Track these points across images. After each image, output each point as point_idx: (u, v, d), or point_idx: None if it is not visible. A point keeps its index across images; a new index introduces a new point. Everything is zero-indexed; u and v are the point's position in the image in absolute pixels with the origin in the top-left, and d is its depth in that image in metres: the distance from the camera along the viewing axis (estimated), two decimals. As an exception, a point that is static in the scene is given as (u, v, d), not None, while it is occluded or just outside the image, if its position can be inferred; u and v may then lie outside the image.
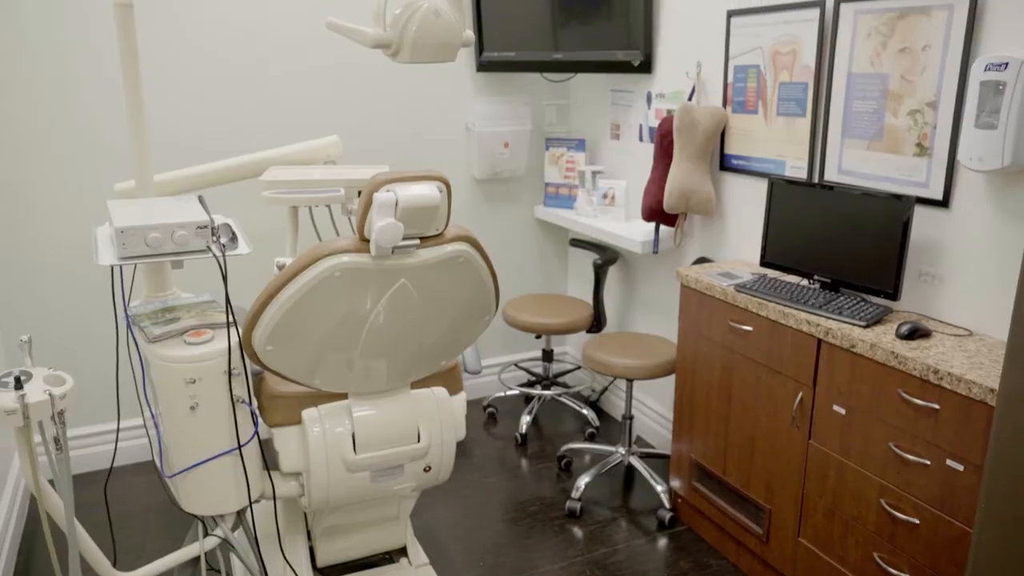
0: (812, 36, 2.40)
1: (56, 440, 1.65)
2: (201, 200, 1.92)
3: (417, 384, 2.13)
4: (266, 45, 3.09)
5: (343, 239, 1.73)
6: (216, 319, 1.91)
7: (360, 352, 1.87)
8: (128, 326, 1.96)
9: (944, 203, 2.08)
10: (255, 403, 1.96)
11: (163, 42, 2.93)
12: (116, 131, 2.93)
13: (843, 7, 2.28)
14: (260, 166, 2.43)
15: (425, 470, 2.09)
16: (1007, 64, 1.78)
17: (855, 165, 2.32)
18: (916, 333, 1.96)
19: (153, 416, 1.92)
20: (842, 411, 2.07)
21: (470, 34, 1.93)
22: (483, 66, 3.44)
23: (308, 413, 1.98)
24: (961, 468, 1.78)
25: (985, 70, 1.82)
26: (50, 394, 1.60)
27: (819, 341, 2.12)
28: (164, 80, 2.96)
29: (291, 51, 3.14)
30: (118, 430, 2.77)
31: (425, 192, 1.69)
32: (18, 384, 1.57)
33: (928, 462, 1.85)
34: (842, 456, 2.08)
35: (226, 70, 3.05)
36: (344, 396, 2.06)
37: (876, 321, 2.08)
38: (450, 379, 2.19)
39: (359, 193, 2.36)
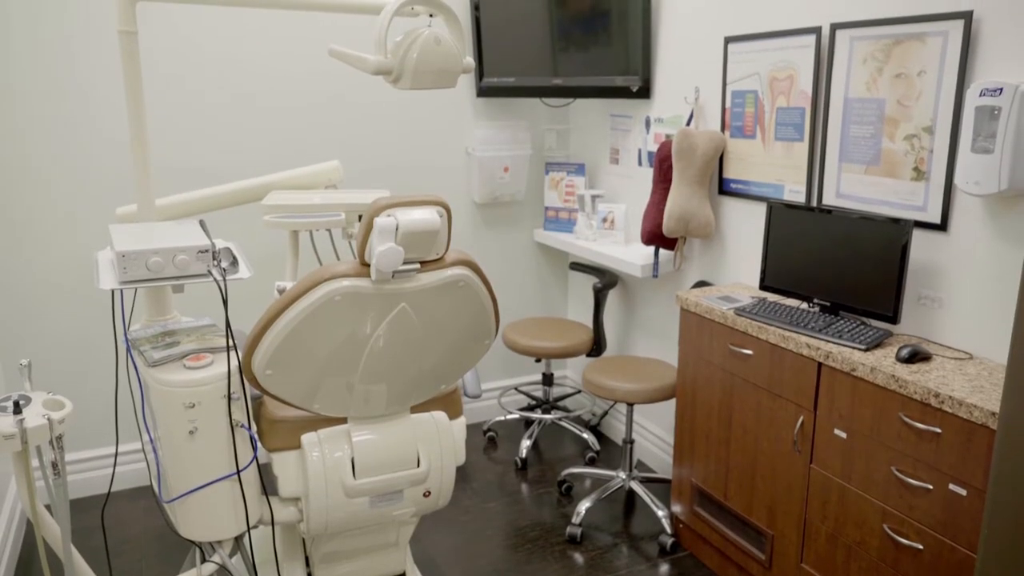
0: (808, 62, 2.42)
1: (54, 465, 1.65)
2: (202, 224, 1.93)
3: (417, 408, 2.13)
4: (268, 70, 3.12)
5: (343, 263, 1.74)
6: (216, 343, 1.91)
7: (360, 376, 1.87)
8: (128, 350, 1.96)
9: (942, 227, 2.09)
10: (254, 427, 1.95)
11: (165, 67, 2.96)
12: (116, 155, 2.95)
13: (839, 34, 2.31)
14: (262, 190, 2.44)
15: (424, 495, 2.08)
16: (1001, 89, 1.80)
17: (853, 189, 2.34)
18: (916, 356, 1.96)
19: (152, 440, 1.92)
20: (843, 435, 2.06)
21: (470, 61, 1.95)
22: (483, 91, 3.47)
23: (307, 437, 1.97)
24: (964, 493, 1.77)
25: (980, 95, 1.84)
26: (48, 419, 1.60)
27: (819, 365, 2.11)
28: (166, 105, 2.99)
29: (293, 76, 3.17)
30: (116, 454, 2.75)
31: (425, 217, 1.70)
32: (17, 408, 1.57)
33: (931, 487, 1.84)
34: (844, 480, 2.07)
35: (228, 95, 3.07)
36: (343, 420, 2.05)
37: (876, 344, 2.08)
38: (450, 403, 2.19)
39: (360, 217, 2.37)
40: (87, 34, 2.82)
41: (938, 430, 1.81)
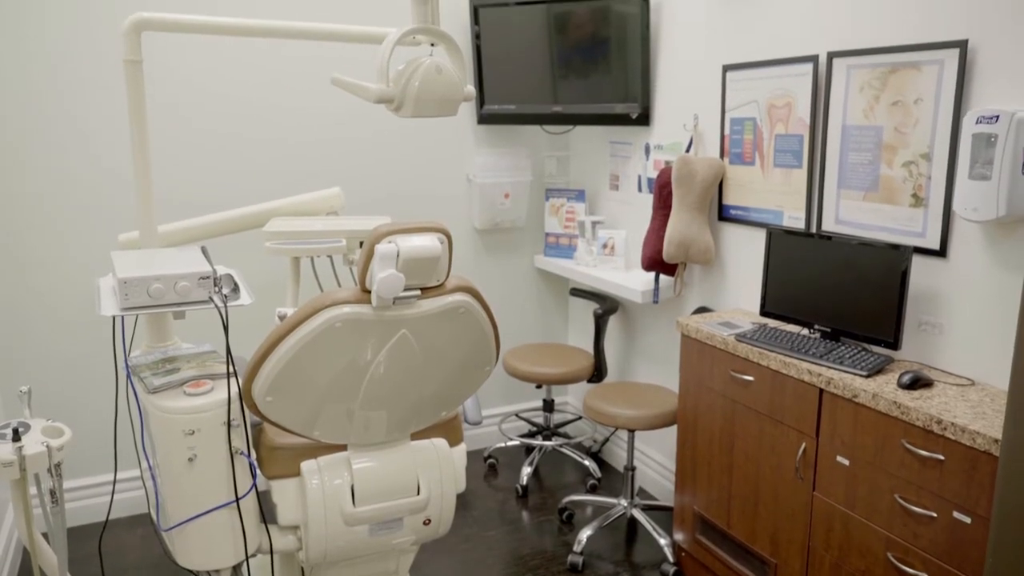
0: (806, 90, 2.45)
1: (52, 493, 1.64)
2: (204, 251, 1.93)
3: (417, 435, 2.12)
4: (269, 98, 3.15)
5: (344, 290, 1.74)
6: (216, 370, 1.91)
7: (360, 403, 1.86)
8: (128, 376, 1.96)
9: (942, 253, 2.09)
10: (253, 455, 1.94)
11: (166, 95, 2.99)
12: (117, 183, 2.96)
13: (835, 62, 2.33)
14: (263, 217, 2.45)
15: (424, 523, 2.07)
16: (998, 117, 1.81)
17: (852, 215, 2.34)
18: (918, 383, 1.96)
19: (150, 468, 1.91)
20: (846, 462, 2.05)
21: (471, 89, 1.97)
22: (484, 118, 3.50)
23: (307, 465, 1.96)
24: (968, 520, 1.75)
25: (977, 123, 1.86)
26: (47, 446, 1.59)
27: (821, 391, 2.11)
28: (167, 133, 3.01)
29: (295, 104, 3.19)
30: (115, 482, 2.74)
31: (426, 243, 1.70)
32: (16, 436, 1.57)
33: (935, 514, 1.83)
34: (847, 508, 2.06)
35: (230, 123, 3.10)
36: (343, 448, 2.04)
37: (878, 371, 2.08)
38: (450, 430, 2.18)
39: (361, 244, 2.38)
40: (90, 61, 2.85)
41: (941, 457, 1.80)
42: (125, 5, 2.87)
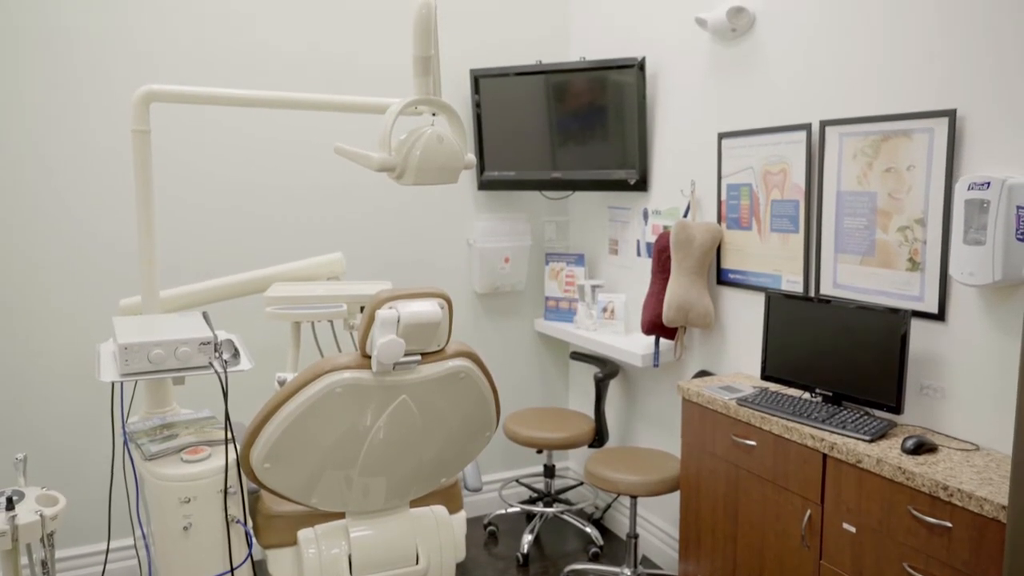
0: (800, 157, 2.50)
1: (44, 563, 1.61)
2: (205, 316, 1.94)
3: (416, 502, 2.09)
4: (272, 165, 3.21)
5: (345, 355, 1.74)
6: (215, 436, 1.90)
7: (359, 469, 1.84)
8: (125, 443, 1.94)
9: (940, 317, 2.10)
10: (250, 523, 1.91)
11: (171, 162, 3.04)
12: (119, 247, 2.99)
13: (828, 130, 2.38)
14: (265, 282, 2.47)
15: (423, 594, 2.02)
16: (989, 183, 1.84)
17: (850, 279, 2.36)
18: (922, 448, 1.94)
19: (144, 536, 1.87)
20: (852, 529, 2.01)
21: (472, 157, 2.01)
22: (484, 184, 3.56)
23: (304, 534, 1.93)
24: (979, 590, 1.71)
25: (969, 189, 1.89)
26: (41, 515, 1.57)
27: (824, 456, 2.09)
28: (169, 199, 3.06)
29: (297, 170, 3.25)
30: (107, 551, 2.68)
31: (427, 309, 1.71)
32: (10, 504, 1.55)
33: (944, 584, 1.79)
34: (855, 578, 2.01)
35: (232, 189, 3.15)
36: (341, 515, 2.01)
37: (881, 435, 2.06)
38: (450, 497, 2.15)
39: (361, 309, 2.39)
40: (97, 128, 2.91)
41: (948, 524, 1.77)
42: (127, 74, 2.94)
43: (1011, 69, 1.91)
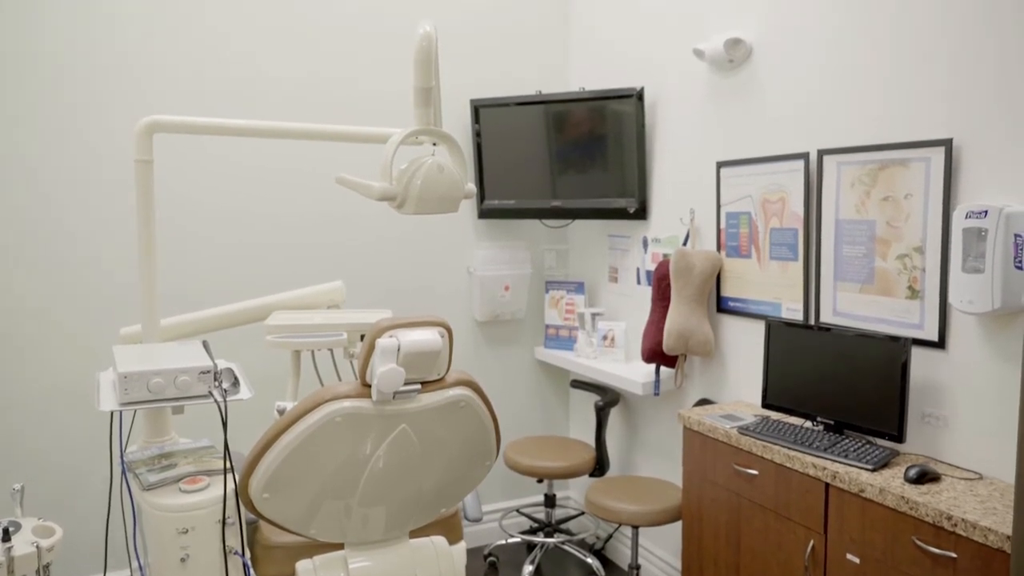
0: (799, 185, 2.51)
1: (39, 596, 1.59)
2: (205, 345, 1.94)
3: (416, 533, 2.07)
4: (272, 194, 3.22)
5: (345, 384, 1.74)
6: (213, 465, 1.89)
7: (359, 499, 1.83)
8: (123, 472, 1.93)
9: (940, 344, 2.10)
10: (248, 554, 1.90)
11: (169, 191, 3.06)
12: (119, 276, 3.00)
13: (826, 159, 2.40)
14: (266, 311, 2.47)
15: (423, 627, 1.99)
16: (986, 212, 1.85)
17: (850, 307, 2.36)
18: (925, 477, 1.93)
19: (142, 568, 1.86)
20: (856, 560, 1.99)
21: (472, 187, 2.02)
22: (484, 213, 3.58)
23: (302, 565, 1.91)
24: (985, 622, 1.69)
25: (966, 217, 1.90)
26: (37, 547, 1.55)
27: (827, 485, 2.07)
28: (171, 227, 3.07)
29: (297, 200, 3.27)
30: (103, 583, 2.66)
31: (427, 338, 1.71)
32: (6, 536, 1.53)
33: (950, 616, 1.76)
34: (860, 609, 1.99)
35: (233, 218, 3.16)
36: (340, 546, 1.99)
37: (883, 464, 2.05)
38: (450, 527, 2.13)
39: (361, 337, 2.39)
40: (98, 158, 2.93)
41: (953, 555, 1.75)
42: (126, 104, 2.97)
43: (1006, 99, 1.93)
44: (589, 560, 3.45)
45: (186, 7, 3.01)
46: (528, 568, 3.33)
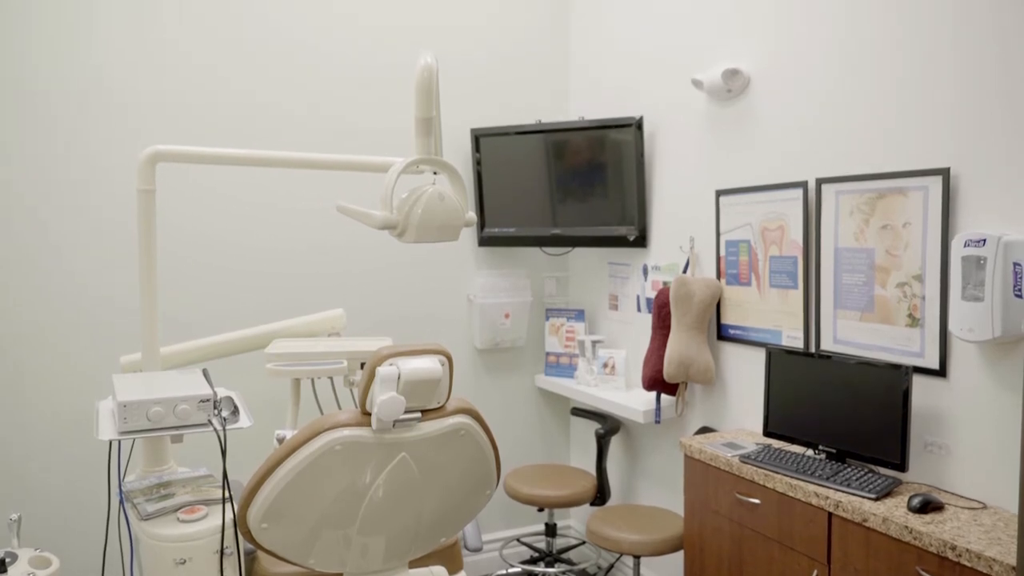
0: (798, 213, 2.52)
1: (34, 628, 1.57)
2: (205, 373, 1.94)
3: (415, 563, 2.05)
4: (273, 223, 3.24)
5: (344, 412, 1.74)
6: (212, 495, 1.87)
7: (358, 528, 1.82)
8: (121, 502, 1.92)
9: (942, 372, 2.10)
10: (246, 585, 1.88)
11: (170, 220, 3.08)
12: (119, 303, 3.00)
13: (824, 188, 2.42)
14: (266, 338, 2.48)
15: (422, 659, 1.97)
16: (985, 240, 1.86)
17: (850, 335, 2.36)
18: (928, 506, 1.91)
19: (138, 600, 1.84)
20: (860, 591, 1.97)
21: (472, 216, 2.03)
22: (484, 241, 3.59)
23: (301, 596, 1.89)
24: (992, 655, 1.67)
25: (965, 246, 1.91)
26: (34, 577, 1.54)
27: (830, 515, 2.06)
28: (171, 256, 3.08)
29: (298, 228, 3.28)
30: (99, 615, 2.62)
31: (427, 366, 1.71)
32: (2, 567, 1.52)
33: (956, 648, 1.74)
34: (865, 641, 1.96)
35: (234, 246, 3.17)
36: (339, 577, 1.97)
37: (886, 493, 2.03)
38: (449, 557, 2.11)
39: (362, 365, 2.39)
40: (99, 186, 2.95)
41: (958, 586, 1.73)
42: (126, 134, 3.00)
43: (1003, 128, 1.94)
44: (590, 591, 3.41)
45: (186, 45, 3.05)
46: (529, 599, 3.29)
